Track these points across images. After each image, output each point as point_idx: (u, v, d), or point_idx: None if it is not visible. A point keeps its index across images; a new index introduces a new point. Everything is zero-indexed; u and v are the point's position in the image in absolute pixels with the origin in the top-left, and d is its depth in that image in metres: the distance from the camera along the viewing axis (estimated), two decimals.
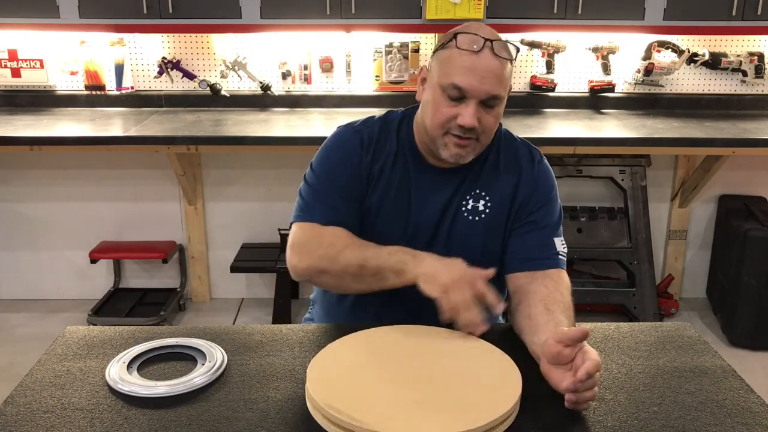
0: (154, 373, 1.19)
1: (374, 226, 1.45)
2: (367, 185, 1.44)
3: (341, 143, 1.46)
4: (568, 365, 1.09)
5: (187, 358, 1.23)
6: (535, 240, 1.41)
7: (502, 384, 1.09)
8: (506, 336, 1.31)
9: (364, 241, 1.37)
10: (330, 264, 1.34)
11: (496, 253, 1.45)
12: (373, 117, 1.50)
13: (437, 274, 1.25)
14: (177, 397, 1.11)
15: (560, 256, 1.41)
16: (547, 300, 1.29)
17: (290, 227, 1.44)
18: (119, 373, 1.16)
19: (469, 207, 1.44)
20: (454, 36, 1.33)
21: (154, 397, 1.11)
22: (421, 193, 1.44)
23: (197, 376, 1.16)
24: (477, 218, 1.44)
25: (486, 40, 1.30)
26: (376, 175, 1.43)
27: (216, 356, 1.22)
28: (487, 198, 1.44)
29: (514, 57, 1.35)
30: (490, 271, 1.27)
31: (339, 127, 1.51)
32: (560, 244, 1.43)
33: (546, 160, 1.50)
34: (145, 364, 1.22)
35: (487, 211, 1.44)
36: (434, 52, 1.39)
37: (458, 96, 1.32)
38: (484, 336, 1.25)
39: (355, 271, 1.33)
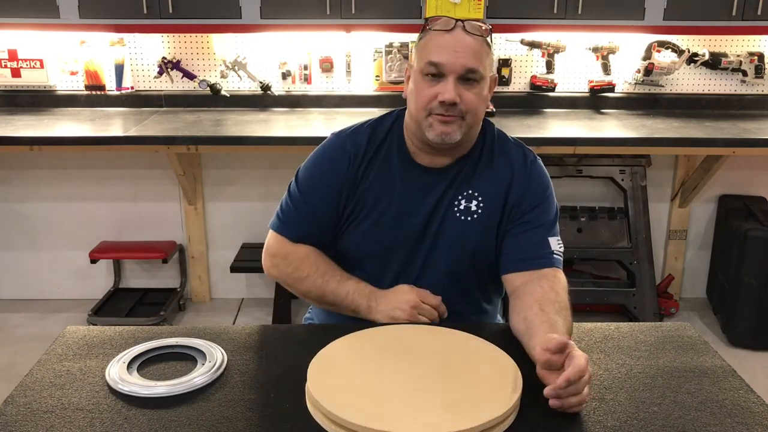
0: (154, 373, 1.19)
1: (363, 226, 1.45)
2: (350, 193, 1.45)
3: (326, 157, 1.49)
4: (561, 370, 1.09)
5: (187, 358, 1.23)
6: (529, 240, 1.41)
7: (502, 384, 1.09)
8: (506, 336, 1.31)
9: (329, 267, 1.45)
10: (294, 284, 1.48)
11: (489, 254, 1.45)
12: (365, 123, 1.51)
13: (395, 317, 1.36)
14: (177, 397, 1.11)
15: (555, 256, 1.41)
16: (542, 300, 1.29)
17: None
18: (119, 373, 1.16)
19: (462, 207, 1.44)
20: (428, 23, 1.40)
21: (154, 397, 1.11)
22: (409, 193, 1.44)
23: (197, 376, 1.16)
24: (469, 218, 1.44)
25: (457, 20, 1.37)
26: (360, 178, 1.45)
27: (216, 356, 1.22)
28: (480, 198, 1.44)
29: (488, 36, 1.39)
30: (442, 306, 1.41)
31: (331, 134, 1.52)
32: (556, 244, 1.42)
33: (540, 161, 1.51)
34: (145, 364, 1.22)
35: (480, 211, 1.44)
36: (414, 46, 1.43)
37: (436, 73, 1.35)
38: (483, 336, 1.26)
39: (316, 298, 1.47)
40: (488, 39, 1.38)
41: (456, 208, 1.44)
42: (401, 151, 1.46)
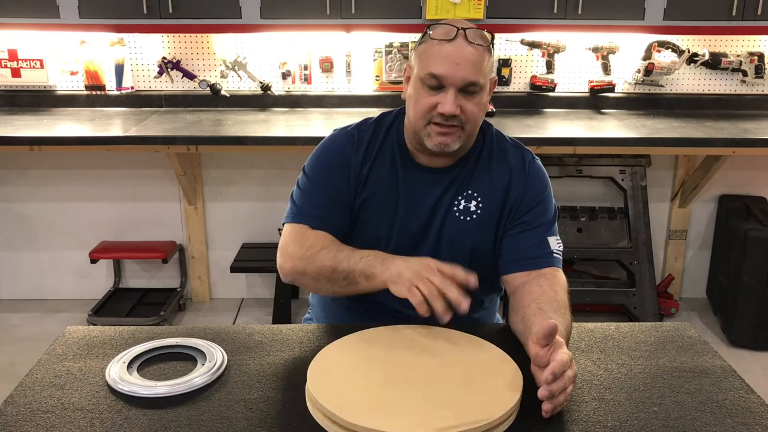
0: (154, 373, 1.19)
1: (365, 225, 1.46)
2: (356, 186, 1.45)
3: (332, 146, 1.49)
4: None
5: (187, 358, 1.23)
6: (528, 240, 1.42)
7: (502, 383, 1.09)
8: (506, 336, 1.31)
9: (344, 245, 1.38)
10: (307, 265, 1.36)
11: (488, 254, 1.46)
12: (369, 119, 1.52)
13: (402, 273, 1.24)
14: (177, 397, 1.11)
15: (555, 255, 1.41)
16: (541, 299, 1.29)
17: (281, 229, 1.47)
18: (119, 373, 1.16)
19: (461, 207, 1.45)
20: (429, 29, 1.37)
21: (154, 397, 1.11)
22: (411, 193, 1.45)
23: (197, 376, 1.16)
24: (469, 218, 1.44)
25: (459, 29, 1.33)
26: (365, 175, 1.45)
27: (216, 356, 1.22)
28: (479, 199, 1.45)
29: (489, 44, 1.36)
30: (461, 273, 1.22)
31: (334, 130, 1.53)
32: (555, 243, 1.43)
33: (538, 160, 1.51)
34: (145, 364, 1.22)
35: (479, 211, 1.44)
36: (414, 49, 1.41)
37: (437, 85, 1.34)
38: (483, 336, 1.25)
39: (329, 273, 1.34)
40: (491, 45, 1.37)
41: (456, 208, 1.45)
42: (402, 151, 1.47)
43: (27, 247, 3.45)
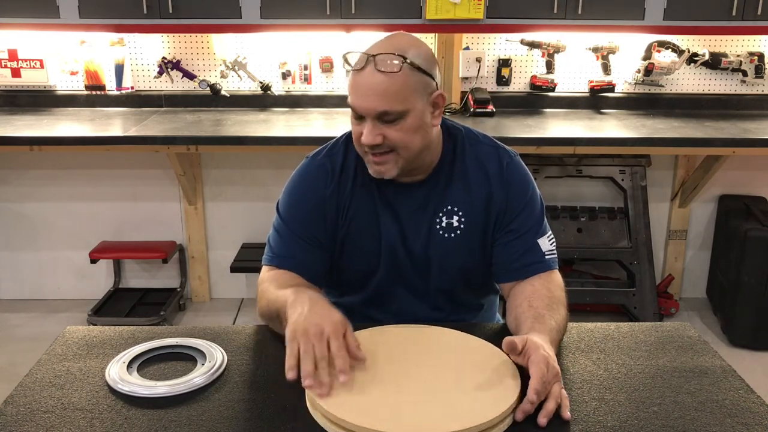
0: (154, 373, 1.19)
1: (351, 250, 1.42)
2: (337, 218, 1.40)
3: (303, 183, 1.44)
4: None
5: (187, 358, 1.23)
6: (519, 248, 1.38)
7: (501, 383, 1.09)
8: (505, 336, 1.30)
9: (298, 283, 1.31)
10: (260, 303, 1.33)
11: (478, 266, 1.43)
12: (339, 140, 1.46)
13: (297, 324, 1.11)
14: (177, 397, 1.11)
15: (548, 257, 1.38)
16: (532, 297, 1.29)
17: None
18: (119, 373, 1.16)
19: (444, 224, 1.40)
20: (346, 56, 1.32)
21: (154, 397, 1.11)
22: (389, 210, 1.40)
23: (197, 376, 1.16)
24: (453, 235, 1.40)
25: (369, 56, 1.26)
26: (347, 203, 1.40)
27: (216, 356, 1.22)
28: (460, 213, 1.40)
29: (401, 68, 1.24)
30: (353, 349, 1.10)
31: (305, 157, 1.47)
32: (547, 243, 1.39)
33: (517, 158, 1.44)
34: (145, 364, 1.22)
35: (462, 226, 1.40)
36: None
37: (357, 115, 1.30)
38: (483, 336, 1.25)
39: (268, 313, 1.29)
40: (409, 66, 1.25)
41: (438, 226, 1.40)
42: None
43: (27, 247, 3.45)
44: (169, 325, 3.18)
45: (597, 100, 3.35)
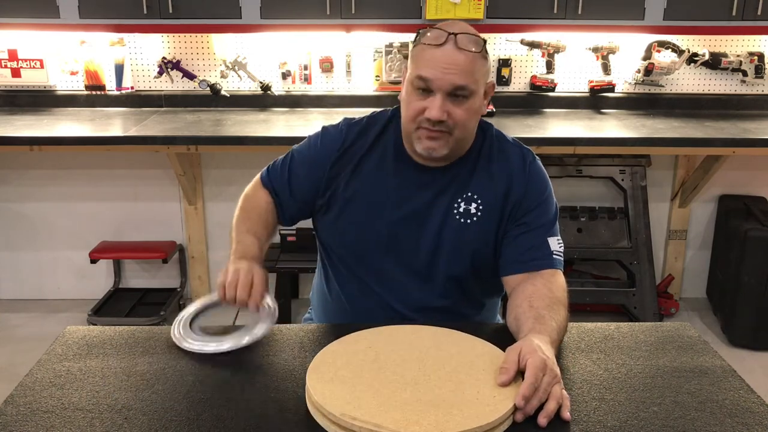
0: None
1: (351, 217, 1.46)
2: (331, 182, 1.47)
3: (318, 144, 1.52)
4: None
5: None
6: (528, 242, 1.41)
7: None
8: (506, 336, 1.31)
9: (260, 220, 1.51)
10: (234, 218, 1.53)
11: (489, 257, 1.45)
12: (366, 116, 1.53)
13: (228, 269, 1.35)
14: (177, 398, 1.11)
15: (555, 256, 1.40)
16: (533, 297, 1.30)
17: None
18: (182, 332, 1.30)
19: (461, 210, 1.43)
20: (421, 32, 1.37)
21: (218, 354, 1.23)
22: (403, 189, 1.44)
23: (257, 328, 1.27)
24: (469, 221, 1.43)
25: (450, 34, 1.32)
26: (350, 170, 1.46)
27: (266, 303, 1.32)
28: (479, 201, 1.43)
29: (482, 50, 1.34)
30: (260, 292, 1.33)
31: (332, 124, 1.55)
32: (556, 244, 1.42)
33: (539, 161, 1.50)
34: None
35: (480, 213, 1.43)
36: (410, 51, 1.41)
37: (425, 87, 1.33)
38: (483, 336, 1.25)
39: (230, 231, 1.51)
40: (483, 51, 1.35)
41: (456, 211, 1.44)
42: (397, 149, 1.46)
43: (27, 247, 3.45)
44: (169, 325, 3.17)
45: (597, 100, 3.35)
